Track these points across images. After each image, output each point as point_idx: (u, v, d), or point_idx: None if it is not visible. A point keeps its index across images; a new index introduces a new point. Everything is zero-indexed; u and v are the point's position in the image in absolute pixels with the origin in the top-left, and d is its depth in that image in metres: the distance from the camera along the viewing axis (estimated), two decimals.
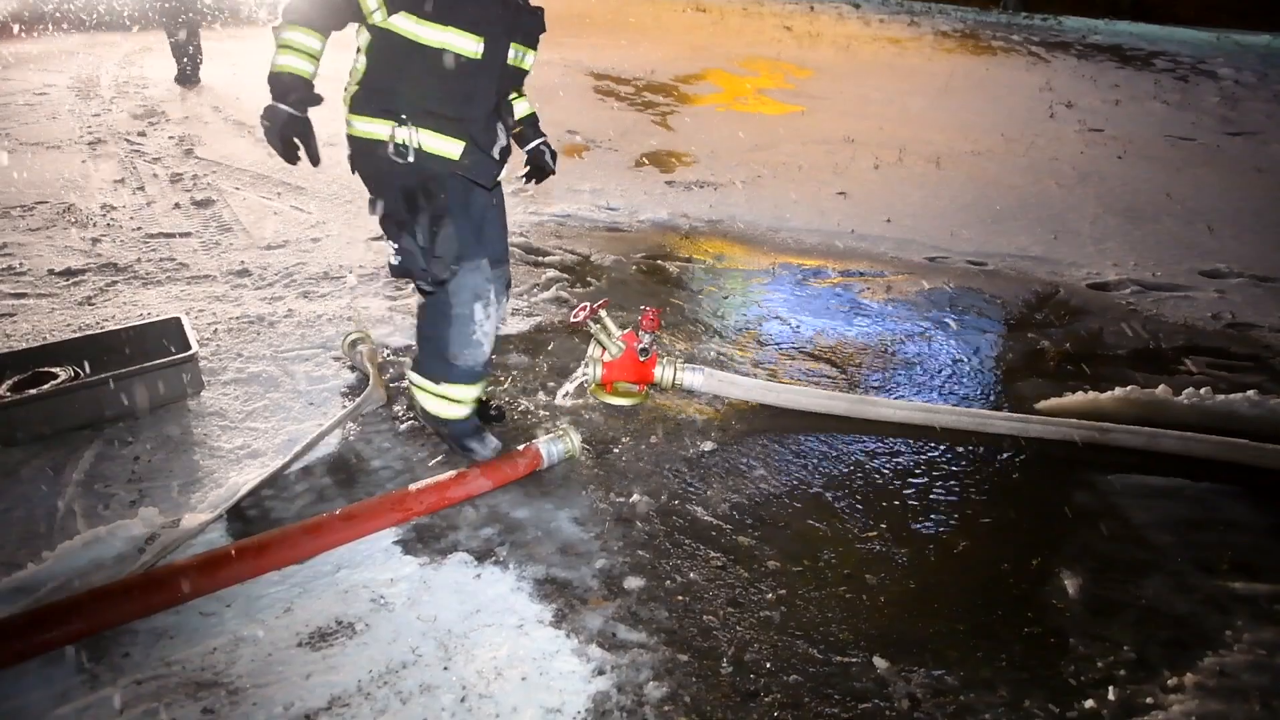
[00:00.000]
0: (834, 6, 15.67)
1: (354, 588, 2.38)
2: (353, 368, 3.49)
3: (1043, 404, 3.51)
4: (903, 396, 3.59)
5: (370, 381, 3.26)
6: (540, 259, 4.76)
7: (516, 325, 3.98)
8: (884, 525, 2.78)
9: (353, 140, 2.61)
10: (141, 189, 5.55)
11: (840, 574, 2.55)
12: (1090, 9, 15.61)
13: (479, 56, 2.47)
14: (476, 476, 2.73)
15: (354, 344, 3.51)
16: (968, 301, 4.51)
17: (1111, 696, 2.18)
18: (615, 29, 12.94)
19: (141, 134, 6.78)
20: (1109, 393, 3.49)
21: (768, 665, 2.22)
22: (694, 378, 3.36)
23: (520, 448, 2.86)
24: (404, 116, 2.48)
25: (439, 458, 2.96)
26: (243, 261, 4.50)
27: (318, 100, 2.54)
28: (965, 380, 3.74)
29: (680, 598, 2.43)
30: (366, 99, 2.55)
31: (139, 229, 4.89)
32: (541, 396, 3.41)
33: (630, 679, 2.14)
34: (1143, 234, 5.58)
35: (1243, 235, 5.59)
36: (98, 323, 3.76)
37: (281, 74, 2.49)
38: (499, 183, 2.80)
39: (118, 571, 2.35)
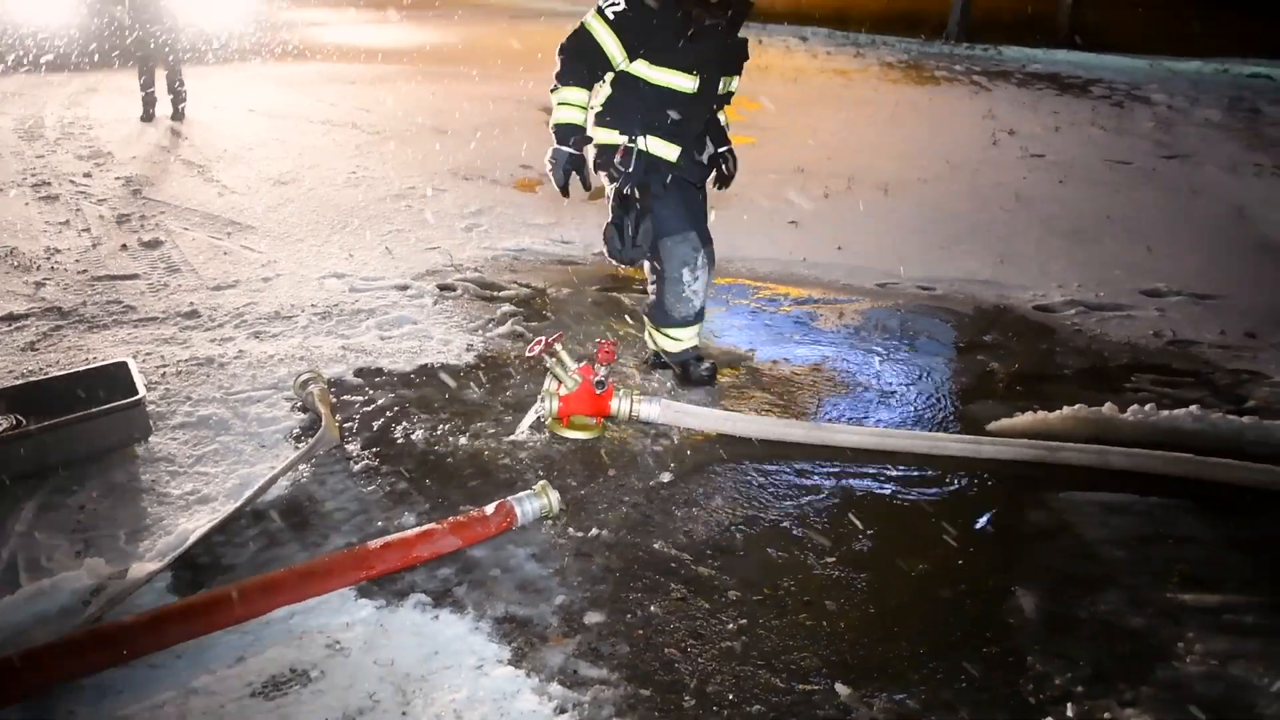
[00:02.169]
0: (781, 40, 15.93)
1: (308, 633, 2.33)
2: (305, 408, 3.44)
3: (994, 425, 3.56)
4: (858, 421, 3.62)
5: (323, 422, 3.22)
6: (495, 294, 4.75)
7: (470, 360, 3.96)
8: (843, 550, 2.79)
9: (597, 147, 3.39)
10: (87, 230, 5.46)
11: (801, 601, 2.55)
12: (1029, 39, 16.04)
13: (694, 91, 3.27)
14: (444, 534, 2.65)
15: (305, 384, 3.46)
16: (919, 326, 4.58)
17: (1070, 713, 2.20)
18: None
19: (87, 175, 6.68)
20: (1058, 412, 3.55)
21: (730, 696, 2.20)
22: (650, 409, 3.36)
23: (493, 505, 2.77)
24: (636, 130, 3.31)
25: (394, 494, 2.92)
26: (192, 303, 4.43)
27: (588, 140, 3.32)
28: (918, 404, 3.79)
29: (641, 631, 2.41)
30: (608, 116, 3.37)
31: (84, 272, 4.80)
32: (498, 433, 3.39)
33: (592, 716, 2.11)
34: (1085, 255, 5.71)
35: (1181, 255, 5.75)
36: (41, 369, 3.68)
37: (561, 125, 3.24)
38: (704, 183, 3.59)
39: (62, 626, 2.28)
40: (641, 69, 3.27)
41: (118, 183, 6.51)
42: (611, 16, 3.14)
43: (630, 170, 3.34)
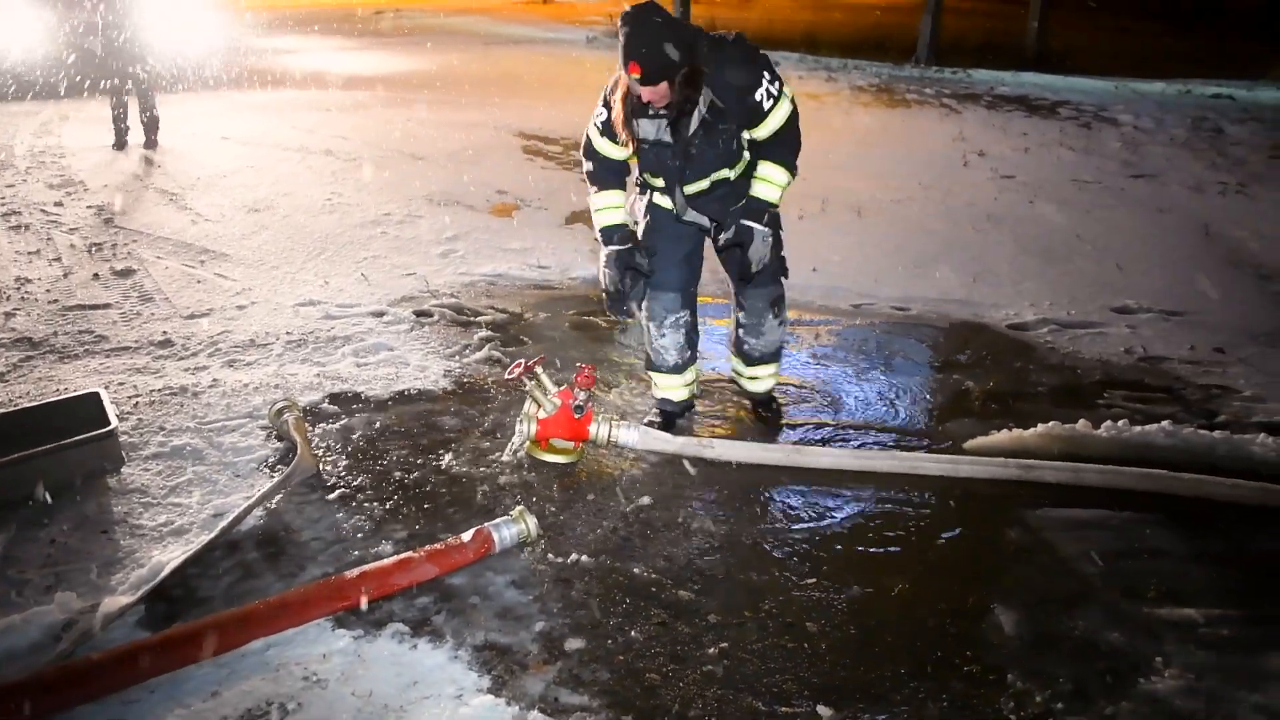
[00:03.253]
0: None
1: (284, 665, 2.30)
2: (280, 437, 3.42)
3: (970, 443, 3.59)
4: (836, 443, 3.64)
5: (299, 450, 3.19)
6: (471, 319, 4.74)
7: (447, 386, 3.95)
8: (823, 572, 2.79)
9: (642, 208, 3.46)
10: (58, 260, 5.41)
11: (782, 623, 2.55)
12: (998, 62, 16.29)
13: (662, 185, 3.32)
14: (422, 563, 2.64)
15: (280, 412, 3.44)
16: (894, 345, 4.61)
17: None
18: (542, 89, 13.10)
19: (59, 204, 6.62)
20: (1033, 429, 3.58)
21: None
22: (629, 435, 3.36)
23: (469, 532, 2.76)
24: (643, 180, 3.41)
25: (370, 525, 2.90)
26: (165, 331, 4.39)
27: (632, 235, 3.39)
28: (895, 424, 3.81)
29: (622, 657, 2.40)
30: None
31: (55, 301, 4.75)
32: (476, 459, 3.38)
33: None
34: (1057, 274, 5.79)
35: (1150, 272, 5.83)
36: (11, 400, 3.63)
37: (605, 228, 3.35)
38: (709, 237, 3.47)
39: (33, 662, 2.24)
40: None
41: (89, 211, 6.45)
42: (600, 126, 3.26)
43: (640, 219, 3.42)
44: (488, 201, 7.21)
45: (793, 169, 3.20)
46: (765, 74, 3.05)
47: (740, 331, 3.61)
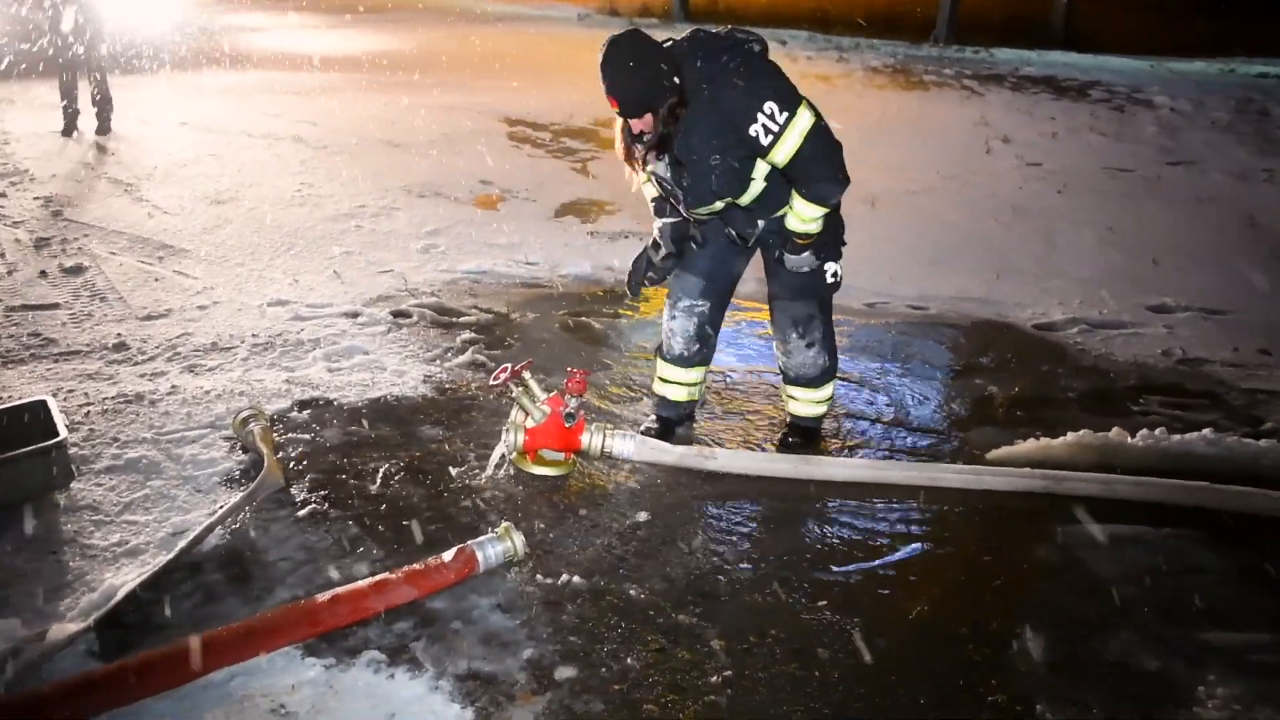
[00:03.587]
0: None
1: (250, 697, 2.29)
2: (245, 448, 3.41)
3: (994, 453, 3.59)
4: (848, 452, 3.64)
5: (265, 463, 3.19)
6: (454, 320, 4.74)
7: (427, 393, 3.95)
8: (834, 593, 2.79)
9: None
10: (1, 256, 5.40)
11: (790, 650, 2.55)
12: (1023, 40, 16.37)
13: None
14: (399, 584, 2.63)
15: (246, 422, 3.44)
16: (911, 347, 4.62)
17: None
18: (530, 70, 13.13)
19: (2, 195, 6.61)
20: (1061, 438, 3.58)
21: None
22: (624, 445, 3.36)
23: (451, 551, 2.75)
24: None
25: (345, 544, 2.89)
26: (119, 334, 4.38)
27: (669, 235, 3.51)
28: (912, 432, 3.81)
29: (617, 687, 2.39)
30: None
31: None
32: (458, 472, 3.37)
33: None
34: (1087, 270, 5.80)
35: (1188, 268, 5.85)
36: None
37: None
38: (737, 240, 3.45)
39: None
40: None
41: (36, 203, 6.45)
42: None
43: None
44: (471, 192, 7.21)
45: (823, 199, 3.11)
46: (767, 104, 2.94)
47: (774, 343, 3.65)
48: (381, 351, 4.33)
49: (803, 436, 3.71)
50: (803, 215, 3.15)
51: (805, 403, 3.63)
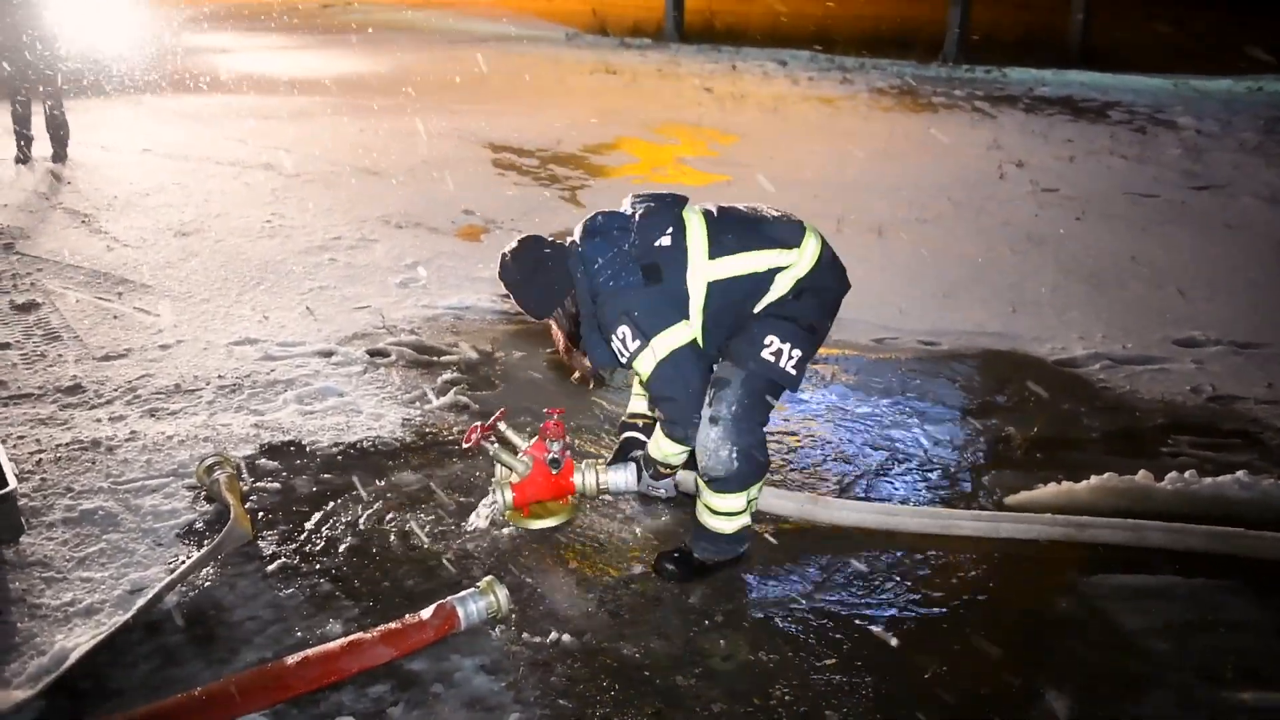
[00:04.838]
0: (758, 65, 16.32)
1: None
2: (210, 498, 3.40)
3: (1013, 499, 3.59)
4: (856, 497, 3.64)
5: (232, 514, 3.18)
6: (435, 359, 4.75)
7: (405, 437, 3.95)
8: (844, 650, 2.78)
9: None
10: None
11: (796, 712, 2.54)
12: (1037, 59, 16.56)
13: None
14: (375, 644, 2.61)
15: (211, 469, 3.43)
16: (922, 385, 4.63)
17: None
18: (516, 93, 13.26)
19: None
20: (1085, 482, 3.59)
21: None
22: (619, 476, 3.37)
23: (430, 608, 2.74)
24: None
25: (317, 600, 2.88)
26: (74, 376, 4.39)
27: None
28: (925, 476, 3.82)
29: None
30: None
31: None
32: (439, 523, 3.37)
33: None
34: (1109, 302, 5.84)
35: (1217, 298, 5.89)
36: None
37: None
38: None
39: None
40: None
41: None
42: None
43: None
44: (453, 223, 7.26)
45: (674, 439, 3.04)
46: (620, 328, 2.91)
47: None
48: (357, 393, 4.33)
49: (682, 563, 3.12)
50: (661, 448, 3.15)
51: (702, 506, 3.09)
